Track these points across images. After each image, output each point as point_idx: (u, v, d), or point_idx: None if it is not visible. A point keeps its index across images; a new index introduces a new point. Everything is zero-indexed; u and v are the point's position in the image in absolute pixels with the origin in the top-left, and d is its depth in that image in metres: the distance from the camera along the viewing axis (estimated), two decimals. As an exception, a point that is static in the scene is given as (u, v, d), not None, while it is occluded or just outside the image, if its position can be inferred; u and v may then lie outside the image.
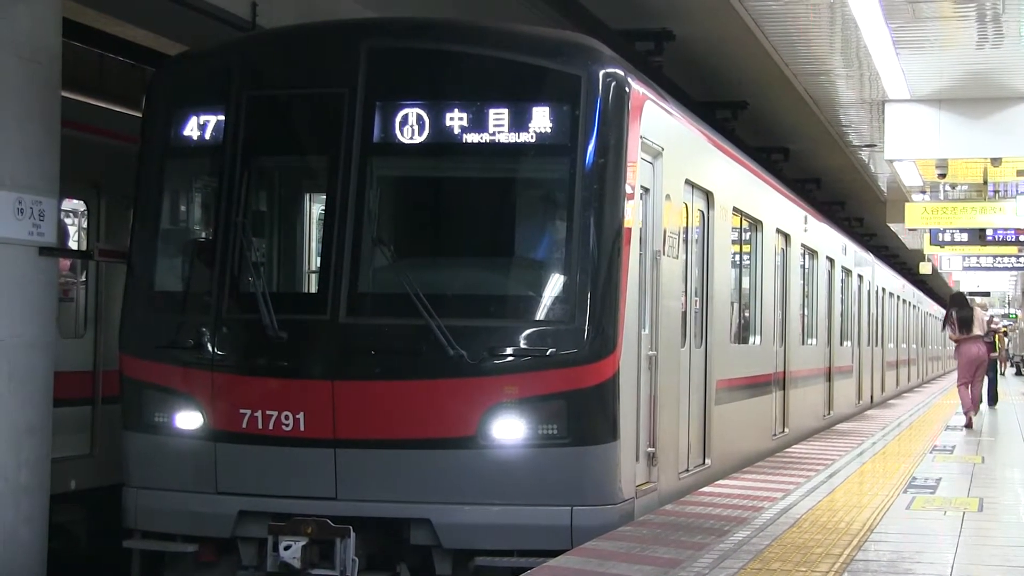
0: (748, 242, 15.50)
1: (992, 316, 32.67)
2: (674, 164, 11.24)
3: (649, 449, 10.57)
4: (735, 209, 14.07)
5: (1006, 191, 28.47)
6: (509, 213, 9.96)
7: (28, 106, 10.10)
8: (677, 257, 11.45)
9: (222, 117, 9.92)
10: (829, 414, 21.73)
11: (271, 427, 9.33)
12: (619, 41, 14.25)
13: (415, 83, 9.66)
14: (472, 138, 9.47)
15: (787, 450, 16.50)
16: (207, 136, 10.00)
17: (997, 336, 34.42)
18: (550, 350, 9.15)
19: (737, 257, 14.80)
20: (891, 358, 33.66)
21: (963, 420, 21.57)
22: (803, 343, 19.26)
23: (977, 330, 21.63)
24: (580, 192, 9.34)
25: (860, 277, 26.25)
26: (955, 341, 22.14)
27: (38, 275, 10.32)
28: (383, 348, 9.29)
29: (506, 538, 9.13)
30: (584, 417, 9.25)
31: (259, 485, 9.41)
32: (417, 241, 10.15)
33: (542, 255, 9.81)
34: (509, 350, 9.17)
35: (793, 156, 24.48)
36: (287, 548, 8.96)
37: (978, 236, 31.80)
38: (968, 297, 23.45)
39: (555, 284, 9.45)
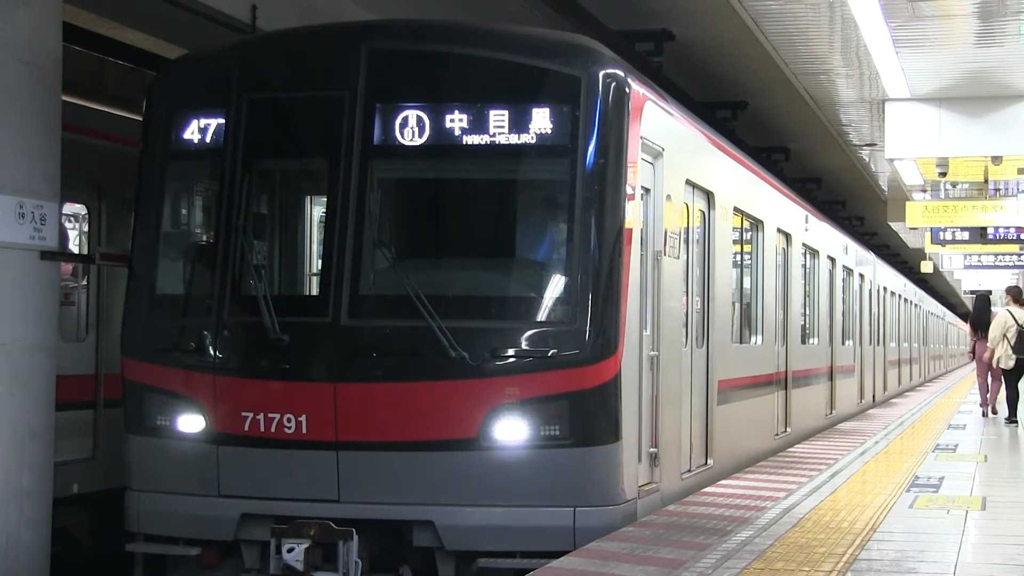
0: (749, 242, 15.50)
1: None
2: (675, 164, 11.24)
3: (651, 449, 10.57)
4: (736, 209, 14.07)
5: (1007, 189, 28.48)
6: (510, 214, 9.96)
7: (29, 110, 10.10)
8: (678, 257, 11.45)
9: (222, 120, 9.92)
10: (831, 413, 21.73)
11: (273, 430, 9.33)
12: (619, 42, 14.26)
13: (415, 85, 9.66)
14: (473, 140, 9.47)
15: (789, 450, 16.50)
16: (208, 139, 9.99)
17: None
18: (552, 351, 9.15)
19: (738, 257, 14.79)
20: (893, 357, 33.66)
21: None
22: (805, 342, 19.26)
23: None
24: (581, 193, 9.34)
25: (861, 276, 26.25)
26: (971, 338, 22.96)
27: (40, 279, 10.32)
28: (385, 350, 9.29)
29: (509, 539, 9.13)
30: (586, 418, 9.25)
31: (261, 488, 9.41)
32: (418, 243, 10.15)
33: (543, 256, 9.81)
34: (511, 351, 9.17)
35: (793, 156, 24.50)
36: (290, 551, 8.96)
37: (979, 234, 31.81)
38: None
39: (556, 285, 9.45)
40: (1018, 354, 21.39)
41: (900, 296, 35.94)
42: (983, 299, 23.45)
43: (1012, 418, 21.72)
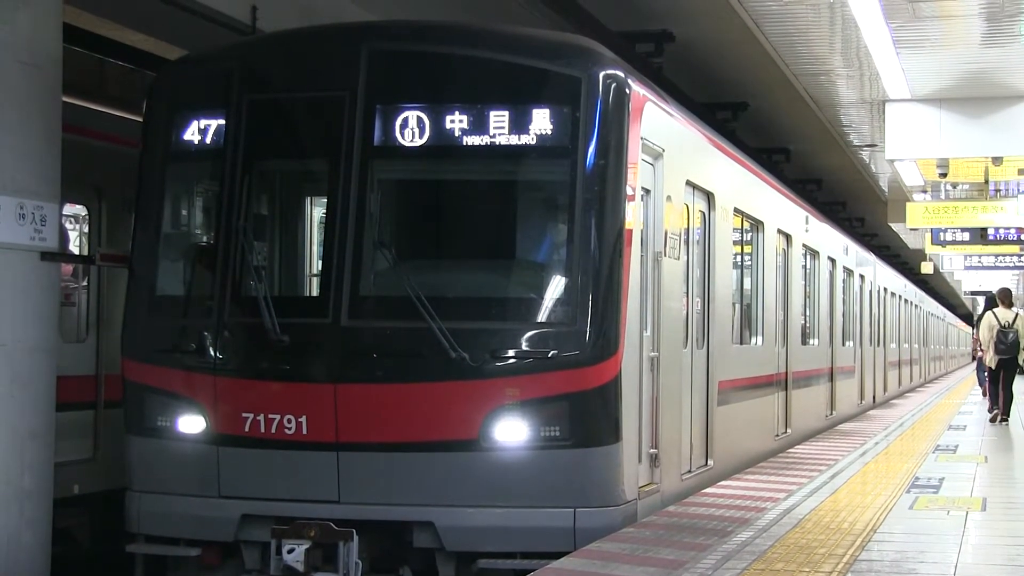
0: (749, 243, 15.50)
1: None
2: (675, 165, 11.24)
3: (651, 450, 10.57)
4: (736, 210, 14.07)
5: (1007, 190, 28.47)
6: (510, 215, 9.96)
7: (29, 111, 10.11)
8: (678, 258, 11.45)
9: (222, 121, 9.93)
10: (831, 414, 21.73)
11: (274, 431, 9.33)
12: (619, 43, 14.26)
13: (415, 86, 9.66)
14: (473, 141, 9.47)
15: (790, 450, 16.50)
16: (208, 140, 10.00)
17: None
18: (552, 352, 9.15)
19: (738, 258, 14.80)
20: (893, 358, 33.66)
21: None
22: (805, 343, 19.26)
23: None
24: (581, 194, 9.34)
25: (862, 277, 26.25)
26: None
27: (40, 280, 10.33)
28: (385, 351, 9.29)
29: (509, 540, 9.13)
30: (587, 419, 9.25)
31: (262, 489, 9.41)
32: (418, 244, 10.15)
33: (543, 257, 9.81)
34: (511, 352, 9.17)
35: (794, 156, 24.50)
36: (290, 551, 8.96)
37: (979, 235, 31.78)
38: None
39: (556, 286, 9.45)
40: (999, 354, 21.55)
41: (900, 297, 35.93)
42: (992, 302, 23.51)
43: (1003, 417, 21.88)
